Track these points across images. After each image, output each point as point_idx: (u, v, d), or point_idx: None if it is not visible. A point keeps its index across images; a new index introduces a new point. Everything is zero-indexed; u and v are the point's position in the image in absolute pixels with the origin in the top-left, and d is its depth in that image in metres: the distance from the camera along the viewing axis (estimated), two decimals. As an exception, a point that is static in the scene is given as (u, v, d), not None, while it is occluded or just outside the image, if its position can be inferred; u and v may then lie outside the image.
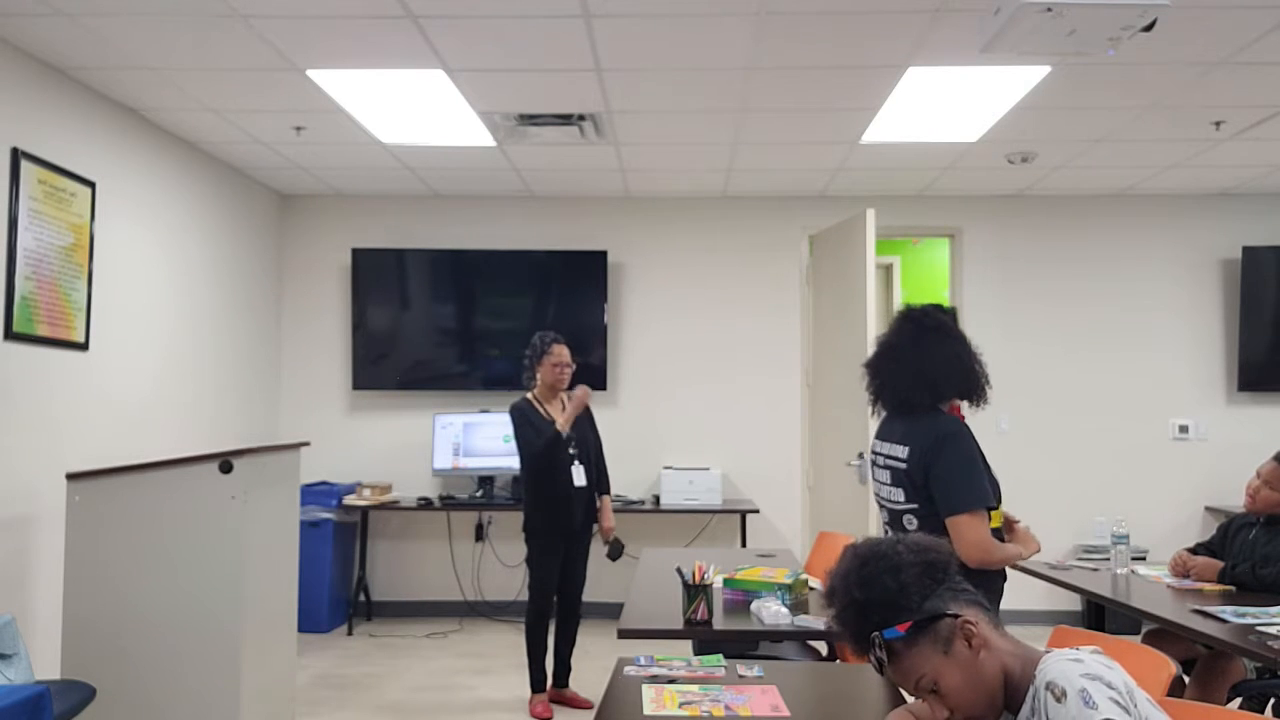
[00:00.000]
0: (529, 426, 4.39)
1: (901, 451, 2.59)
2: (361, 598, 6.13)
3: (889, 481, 2.65)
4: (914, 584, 1.55)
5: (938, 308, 2.74)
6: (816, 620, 2.93)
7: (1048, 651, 1.53)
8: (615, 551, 4.63)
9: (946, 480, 2.49)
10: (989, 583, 2.47)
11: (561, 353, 4.47)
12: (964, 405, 2.67)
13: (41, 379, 4.06)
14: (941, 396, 2.62)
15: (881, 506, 2.71)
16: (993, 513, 2.56)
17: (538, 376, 4.49)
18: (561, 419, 4.38)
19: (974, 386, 2.61)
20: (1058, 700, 1.40)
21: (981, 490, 2.49)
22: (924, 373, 2.59)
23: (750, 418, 6.36)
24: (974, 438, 2.58)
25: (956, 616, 1.54)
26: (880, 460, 2.69)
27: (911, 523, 2.57)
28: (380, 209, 6.47)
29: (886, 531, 2.71)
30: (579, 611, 4.62)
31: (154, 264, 4.94)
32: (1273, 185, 6.04)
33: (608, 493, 4.68)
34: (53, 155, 4.09)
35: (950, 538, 2.42)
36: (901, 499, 2.60)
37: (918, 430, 2.57)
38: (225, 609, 3.35)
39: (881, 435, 2.72)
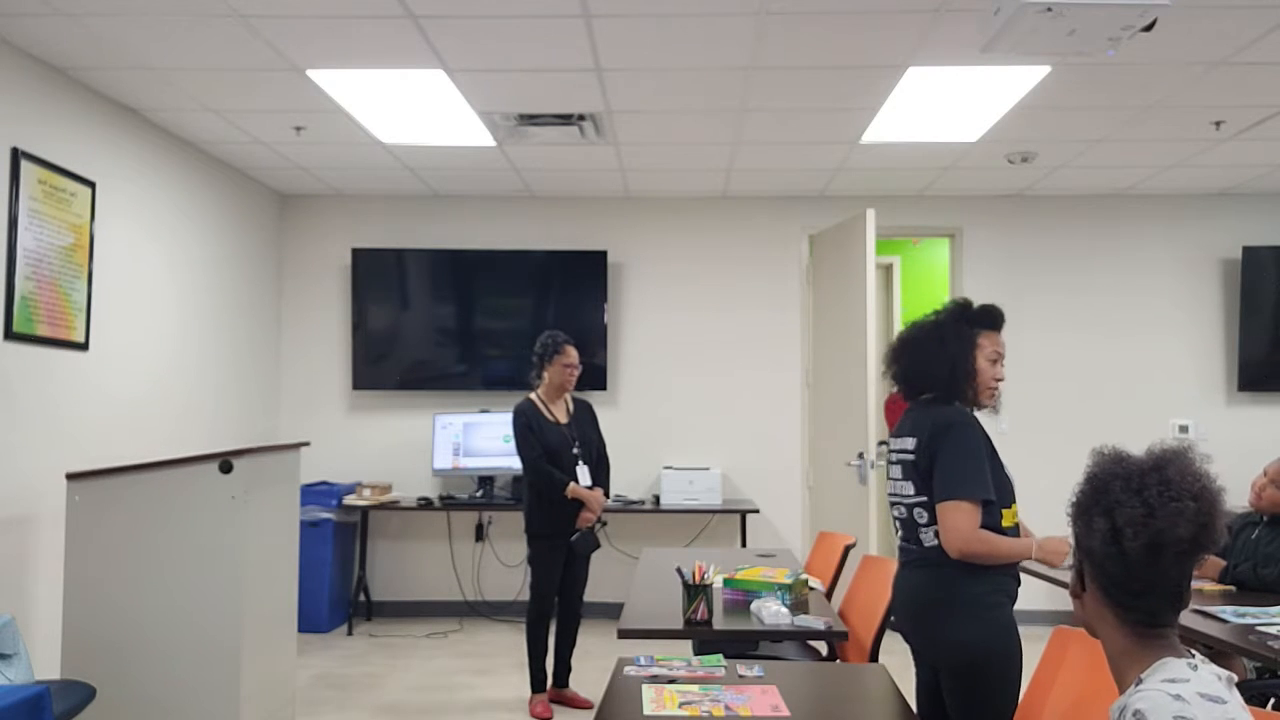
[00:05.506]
0: (529, 433, 4.40)
1: (910, 443, 2.58)
2: (361, 598, 6.13)
3: (901, 476, 2.62)
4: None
5: (957, 304, 2.72)
6: (816, 620, 2.94)
7: (1161, 662, 1.43)
8: (583, 543, 4.41)
9: (942, 467, 2.46)
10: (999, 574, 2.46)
11: (572, 354, 4.51)
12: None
13: (42, 379, 4.05)
14: (943, 394, 2.61)
15: (895, 504, 2.66)
16: (1005, 511, 2.50)
17: (545, 376, 4.51)
18: (581, 513, 4.42)
19: (950, 388, 2.60)
20: None
21: (975, 480, 2.44)
22: (908, 369, 2.66)
23: (750, 418, 6.35)
24: (982, 430, 2.55)
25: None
26: (894, 456, 2.67)
27: (922, 516, 2.52)
28: (380, 209, 6.47)
29: (897, 530, 2.66)
30: (580, 612, 4.61)
31: (154, 264, 4.94)
32: (1273, 185, 6.04)
33: (603, 487, 4.61)
34: (53, 155, 4.09)
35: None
36: (911, 492, 2.56)
37: (924, 420, 2.57)
38: (225, 609, 3.34)
39: (895, 432, 2.70)
